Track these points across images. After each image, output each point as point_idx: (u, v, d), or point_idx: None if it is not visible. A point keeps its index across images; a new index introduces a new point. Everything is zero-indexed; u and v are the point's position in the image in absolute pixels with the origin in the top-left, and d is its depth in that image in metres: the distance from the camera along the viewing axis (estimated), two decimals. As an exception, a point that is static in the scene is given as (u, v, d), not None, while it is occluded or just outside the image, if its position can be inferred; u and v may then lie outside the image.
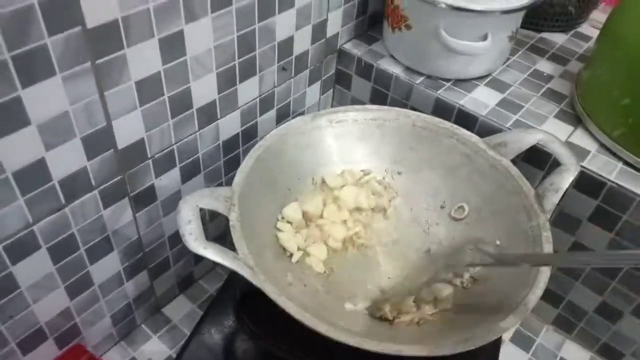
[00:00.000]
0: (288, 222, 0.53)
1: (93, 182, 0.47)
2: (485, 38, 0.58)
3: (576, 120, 0.59)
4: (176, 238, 0.61)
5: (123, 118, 0.45)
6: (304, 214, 0.54)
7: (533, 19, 0.73)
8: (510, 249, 0.50)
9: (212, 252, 0.40)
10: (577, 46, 0.72)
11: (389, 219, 0.57)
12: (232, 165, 0.63)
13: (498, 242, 0.51)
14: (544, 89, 0.63)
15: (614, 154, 0.55)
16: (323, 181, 0.57)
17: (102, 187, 0.48)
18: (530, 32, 0.73)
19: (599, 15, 0.77)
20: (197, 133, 0.54)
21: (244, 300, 0.50)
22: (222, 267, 0.72)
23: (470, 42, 0.58)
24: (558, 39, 0.73)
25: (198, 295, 0.69)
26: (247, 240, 0.45)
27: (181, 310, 0.67)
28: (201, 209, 0.43)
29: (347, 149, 0.58)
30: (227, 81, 0.54)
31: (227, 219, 0.45)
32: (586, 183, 0.54)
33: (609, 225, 0.55)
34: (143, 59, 0.44)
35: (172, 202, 0.57)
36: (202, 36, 0.48)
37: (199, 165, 0.58)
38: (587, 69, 0.61)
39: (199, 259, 0.67)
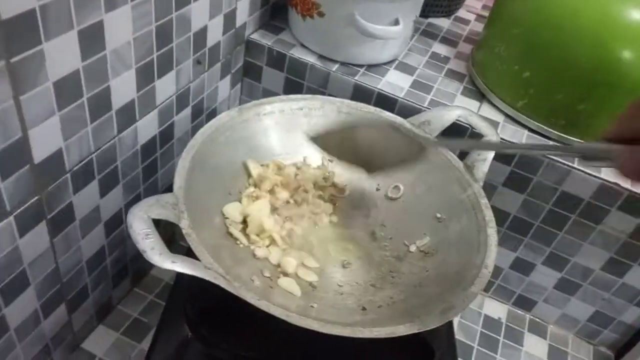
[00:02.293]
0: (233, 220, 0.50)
1: (8, 206, 0.39)
2: (396, 23, 0.60)
3: (480, 96, 0.64)
4: (94, 261, 0.54)
5: (40, 126, 0.38)
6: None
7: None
8: (452, 220, 0.52)
9: (181, 266, 0.36)
10: (461, 29, 0.78)
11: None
12: (150, 172, 0.57)
13: (438, 215, 0.53)
14: (445, 70, 0.68)
15: (520, 123, 0.61)
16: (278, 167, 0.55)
17: (17, 211, 0.40)
18: (420, 18, 0.78)
19: (472, 1, 0.84)
20: (116, 138, 0.48)
21: (199, 312, 0.46)
22: (141, 285, 0.65)
23: (386, 27, 0.59)
24: (443, 23, 0.78)
25: (119, 322, 0.61)
26: (205, 247, 0.41)
27: (104, 342, 0.59)
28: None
29: (280, 140, 0.57)
30: (146, 77, 0.48)
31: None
32: (499, 151, 0.59)
33: (521, 188, 0.61)
34: (62, 55, 0.37)
35: (90, 221, 0.50)
36: (121, 27, 0.42)
37: (118, 175, 0.51)
38: (481, 50, 0.66)
39: (117, 281, 0.60)
